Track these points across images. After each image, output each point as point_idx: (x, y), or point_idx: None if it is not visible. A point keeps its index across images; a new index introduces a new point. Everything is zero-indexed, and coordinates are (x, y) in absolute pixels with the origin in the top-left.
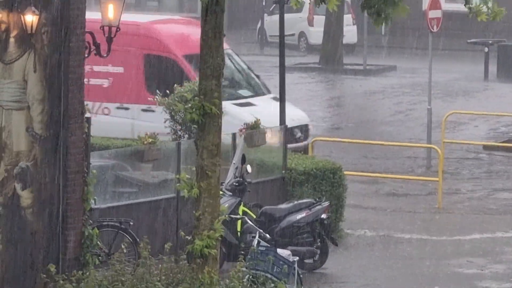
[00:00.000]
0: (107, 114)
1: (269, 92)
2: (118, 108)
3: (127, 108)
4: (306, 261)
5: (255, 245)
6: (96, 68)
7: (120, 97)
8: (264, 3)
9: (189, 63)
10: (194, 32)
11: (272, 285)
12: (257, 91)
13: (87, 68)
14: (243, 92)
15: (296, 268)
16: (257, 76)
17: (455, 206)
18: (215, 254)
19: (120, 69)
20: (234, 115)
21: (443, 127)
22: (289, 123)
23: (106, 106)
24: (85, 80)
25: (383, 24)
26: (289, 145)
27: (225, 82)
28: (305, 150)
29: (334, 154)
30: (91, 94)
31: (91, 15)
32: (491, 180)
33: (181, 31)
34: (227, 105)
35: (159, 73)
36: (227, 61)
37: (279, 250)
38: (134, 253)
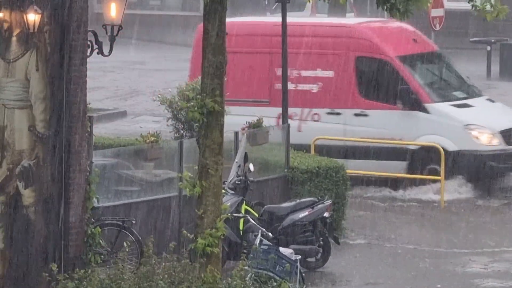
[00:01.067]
0: (317, 121)
1: (481, 93)
2: (328, 113)
3: (338, 113)
4: (309, 259)
5: (257, 244)
6: (304, 73)
7: (331, 102)
8: (266, 2)
9: (403, 64)
10: (404, 33)
11: (275, 283)
12: (471, 93)
13: (294, 73)
14: (458, 93)
15: (299, 266)
16: (468, 78)
17: (457, 205)
18: (217, 253)
19: (330, 73)
20: (453, 117)
21: None
22: (507, 124)
23: (316, 112)
24: (293, 85)
25: (404, 18)
26: (507, 147)
27: (438, 84)
28: None
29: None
30: (300, 100)
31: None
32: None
33: (392, 32)
34: (445, 106)
35: (372, 76)
36: (440, 62)
37: (282, 249)
38: (136, 252)
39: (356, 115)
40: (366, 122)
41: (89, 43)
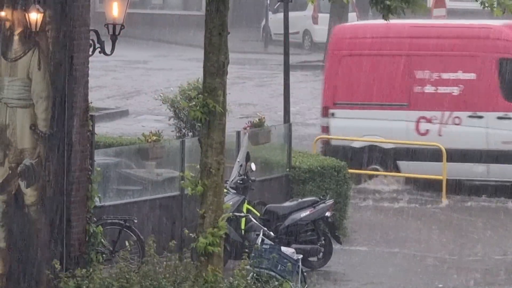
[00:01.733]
0: (457, 124)
1: None
2: (470, 116)
3: (480, 117)
4: (310, 259)
5: (259, 243)
6: (445, 76)
7: (473, 105)
8: (268, 1)
9: None
10: None
11: (276, 283)
12: None
13: (434, 76)
14: None
15: (300, 266)
16: None
17: (459, 204)
18: (219, 252)
19: (471, 76)
20: None
21: None
22: None
23: (456, 115)
24: (433, 88)
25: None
26: None
27: None
28: None
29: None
30: (441, 103)
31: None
32: None
33: None
34: None
35: None
36: None
37: (283, 248)
38: (138, 251)
39: (499, 118)
40: (510, 125)
41: (91, 42)
